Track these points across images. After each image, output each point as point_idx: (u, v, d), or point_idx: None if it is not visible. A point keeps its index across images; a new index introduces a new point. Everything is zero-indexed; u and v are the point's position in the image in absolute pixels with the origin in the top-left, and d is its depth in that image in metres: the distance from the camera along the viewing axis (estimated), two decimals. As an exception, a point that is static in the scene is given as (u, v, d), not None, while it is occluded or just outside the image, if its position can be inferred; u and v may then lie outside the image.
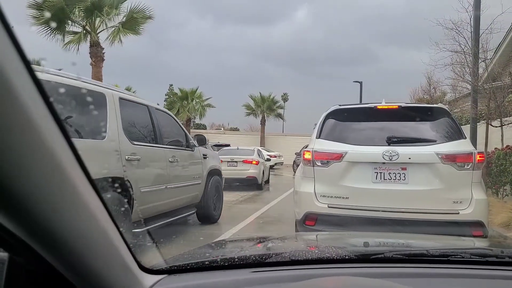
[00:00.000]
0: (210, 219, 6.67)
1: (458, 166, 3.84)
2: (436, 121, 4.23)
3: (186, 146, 5.97)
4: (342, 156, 4.02)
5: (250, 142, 28.71)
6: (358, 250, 1.28)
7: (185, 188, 5.73)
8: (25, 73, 0.49)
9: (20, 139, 0.49)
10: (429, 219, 3.75)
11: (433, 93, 18.05)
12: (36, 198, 0.55)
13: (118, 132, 4.25)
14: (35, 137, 0.51)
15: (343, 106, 4.51)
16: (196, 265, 1.10)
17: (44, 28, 13.89)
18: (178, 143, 5.77)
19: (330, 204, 4.03)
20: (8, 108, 0.46)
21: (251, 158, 13.22)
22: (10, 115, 0.47)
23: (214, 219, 6.80)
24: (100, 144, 3.96)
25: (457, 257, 1.13)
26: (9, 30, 0.46)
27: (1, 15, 0.45)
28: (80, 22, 14.49)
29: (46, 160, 0.54)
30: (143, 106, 5.07)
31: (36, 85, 0.51)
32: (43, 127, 0.52)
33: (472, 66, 10.09)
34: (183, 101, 32.18)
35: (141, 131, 4.88)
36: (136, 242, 1.15)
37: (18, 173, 0.51)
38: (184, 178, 5.71)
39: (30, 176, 0.52)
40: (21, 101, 0.48)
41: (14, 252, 0.66)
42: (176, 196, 5.49)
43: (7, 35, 0.46)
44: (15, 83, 0.46)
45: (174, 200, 5.43)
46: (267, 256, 1.16)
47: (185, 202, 5.84)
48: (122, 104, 4.43)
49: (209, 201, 6.54)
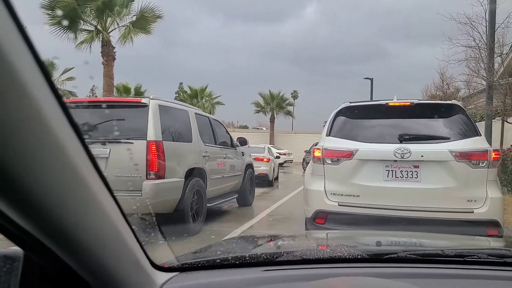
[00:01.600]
0: (246, 202, 8.48)
1: (472, 164, 3.77)
2: (449, 118, 4.16)
3: (231, 146, 7.79)
4: (353, 154, 3.99)
5: (260, 140, 28.67)
6: (371, 249, 1.26)
7: (232, 177, 7.57)
8: (39, 74, 0.49)
9: (35, 140, 0.50)
10: (443, 218, 3.69)
11: (446, 90, 17.77)
12: (50, 197, 0.55)
13: (198, 137, 6.10)
14: (49, 138, 0.51)
15: (353, 103, 4.46)
16: (208, 263, 1.11)
17: (57, 28, 14.05)
18: (226, 144, 7.60)
19: (340, 202, 4.00)
20: (23, 109, 0.47)
21: (262, 155, 13.24)
22: (24, 116, 0.47)
23: (249, 202, 8.60)
24: (190, 145, 5.81)
25: (474, 257, 1.11)
26: (23, 31, 0.46)
27: (14, 16, 0.45)
28: (92, 21, 14.62)
29: (61, 160, 0.55)
30: (206, 117, 7.08)
31: (50, 86, 0.52)
32: (57, 127, 0.52)
33: (487, 61, 9.86)
34: (192, 99, 32.33)
35: (207, 136, 6.65)
36: (148, 239, 1.16)
37: (33, 173, 0.51)
38: (232, 170, 7.55)
39: (44, 176, 0.53)
40: (35, 102, 0.48)
41: (29, 250, 0.67)
42: (228, 183, 7.37)
43: (20, 36, 0.46)
44: (29, 84, 0.46)
45: (226, 186, 7.28)
46: (278, 254, 1.15)
47: (231, 188, 7.66)
48: (197, 117, 6.36)
49: (246, 188, 8.40)
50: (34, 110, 0.48)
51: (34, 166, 0.51)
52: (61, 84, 23.49)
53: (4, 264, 0.67)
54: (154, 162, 4.84)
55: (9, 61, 0.43)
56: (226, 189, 7.31)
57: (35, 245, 0.63)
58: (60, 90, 0.55)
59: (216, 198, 6.76)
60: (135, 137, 4.89)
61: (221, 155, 7.02)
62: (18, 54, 0.45)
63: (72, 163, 0.56)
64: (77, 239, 0.64)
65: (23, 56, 0.46)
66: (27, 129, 0.48)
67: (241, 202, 8.41)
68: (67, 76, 24.01)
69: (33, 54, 0.48)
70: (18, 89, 0.45)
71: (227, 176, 7.26)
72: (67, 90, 24.15)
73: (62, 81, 23.78)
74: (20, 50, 0.46)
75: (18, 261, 0.68)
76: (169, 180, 5.05)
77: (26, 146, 0.48)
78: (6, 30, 0.44)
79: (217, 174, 6.63)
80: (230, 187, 7.54)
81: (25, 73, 0.46)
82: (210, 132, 6.86)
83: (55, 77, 21.05)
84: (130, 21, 14.97)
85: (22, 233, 0.60)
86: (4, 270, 0.67)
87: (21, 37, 0.46)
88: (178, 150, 5.47)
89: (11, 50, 0.44)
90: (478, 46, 10.57)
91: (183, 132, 5.79)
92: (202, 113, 6.99)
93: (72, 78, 24.07)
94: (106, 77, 14.92)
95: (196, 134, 6.06)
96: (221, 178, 6.86)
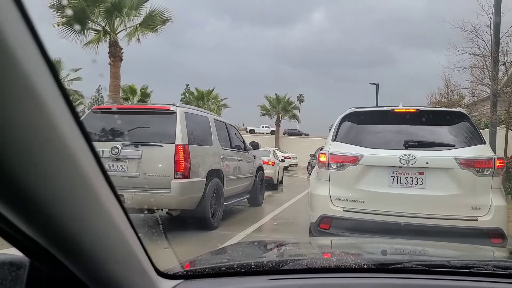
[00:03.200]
0: (257, 203, 8.95)
1: (477, 172, 3.75)
2: (454, 126, 4.15)
3: (244, 149, 8.29)
4: (358, 160, 3.98)
5: (265, 143, 28.70)
6: (377, 258, 1.25)
7: (245, 179, 8.11)
8: (48, 75, 0.49)
9: (43, 145, 0.49)
10: (447, 225, 3.68)
11: (451, 97, 17.69)
12: (58, 205, 0.55)
13: (217, 141, 6.65)
14: (57, 142, 0.50)
15: (359, 109, 4.46)
16: (213, 271, 1.10)
17: (66, 28, 14.15)
18: (240, 147, 8.06)
19: (345, 208, 3.99)
20: (31, 111, 0.46)
21: (267, 159, 13.22)
22: (33, 119, 0.46)
23: (259, 202, 9.06)
24: (210, 149, 6.37)
25: (480, 269, 1.10)
26: (34, 31, 0.46)
27: (26, 16, 0.45)
28: (100, 22, 14.72)
29: (69, 167, 0.54)
30: (223, 122, 7.62)
31: (60, 88, 0.51)
32: (66, 132, 0.51)
33: (491, 69, 9.87)
34: (199, 101, 32.43)
35: (224, 140, 7.16)
36: (152, 244, 1.16)
37: (41, 181, 0.51)
38: (245, 171, 8.07)
39: (51, 181, 0.52)
40: (46, 108, 0.47)
41: (34, 257, 0.67)
42: (241, 183, 7.91)
43: (30, 35, 0.46)
44: (38, 86, 0.46)
45: (240, 186, 7.81)
46: (284, 263, 1.15)
47: (244, 188, 8.18)
48: (216, 123, 6.94)
49: (257, 189, 8.88)
50: (43, 111, 0.47)
51: (41, 173, 0.50)
52: (68, 84, 23.64)
53: (10, 271, 0.67)
54: (181, 164, 5.38)
55: (18, 60, 0.43)
56: (239, 189, 7.85)
57: (40, 252, 0.63)
58: (66, 89, 0.54)
59: (231, 198, 7.32)
60: (164, 141, 5.44)
61: (236, 158, 7.59)
62: (27, 53, 0.45)
63: (79, 168, 0.55)
64: (83, 247, 0.63)
65: (32, 55, 0.46)
66: (36, 134, 0.47)
67: (252, 202, 8.85)
68: (74, 76, 24.17)
69: (42, 53, 0.47)
70: (27, 89, 0.45)
71: (241, 177, 7.82)
72: (73, 90, 24.33)
73: (69, 80, 23.93)
74: (29, 49, 0.45)
75: (23, 268, 0.68)
76: (193, 180, 5.60)
77: (32, 151, 0.48)
78: (16, 29, 0.43)
79: (232, 175, 7.22)
80: (243, 187, 8.09)
81: (34, 73, 0.45)
82: (226, 136, 7.43)
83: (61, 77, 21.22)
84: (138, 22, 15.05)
85: (27, 240, 0.60)
86: (10, 277, 0.67)
87: (30, 36, 0.46)
88: (201, 152, 6.01)
89: (21, 49, 0.43)
90: (483, 54, 10.55)
91: (205, 137, 6.37)
92: (220, 119, 7.74)
93: (79, 78, 24.25)
94: (113, 77, 15.00)
95: (215, 138, 6.65)
96: (236, 179, 7.43)
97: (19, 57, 0.43)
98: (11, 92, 0.43)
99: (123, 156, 5.36)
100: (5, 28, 0.41)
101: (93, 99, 58.82)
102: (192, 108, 6.65)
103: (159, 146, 5.41)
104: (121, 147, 5.34)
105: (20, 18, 0.44)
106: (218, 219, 6.37)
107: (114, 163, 5.37)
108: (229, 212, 7.96)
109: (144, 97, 28.75)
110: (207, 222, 5.96)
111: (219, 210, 6.39)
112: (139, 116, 5.87)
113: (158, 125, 5.77)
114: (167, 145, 5.39)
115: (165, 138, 5.45)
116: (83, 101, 26.16)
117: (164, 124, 5.66)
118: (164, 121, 5.69)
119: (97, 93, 60.34)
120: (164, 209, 5.69)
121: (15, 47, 0.42)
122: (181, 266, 1.13)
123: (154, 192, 5.24)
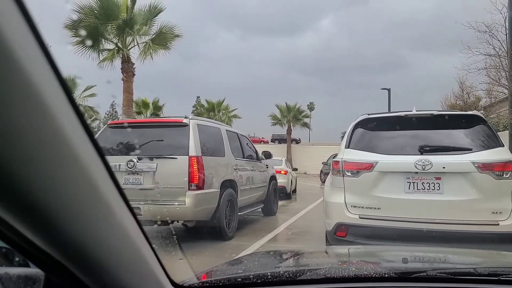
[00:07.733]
0: (271, 212, 8.87)
1: (496, 175, 3.66)
2: (471, 129, 4.07)
3: (256, 159, 8.30)
4: (373, 166, 3.92)
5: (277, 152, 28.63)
6: (398, 267, 1.21)
7: (258, 188, 8.08)
8: (60, 91, 0.49)
9: (54, 156, 0.49)
10: (467, 230, 3.58)
11: (467, 99, 17.42)
12: (71, 219, 0.55)
13: (229, 151, 6.69)
14: (68, 155, 0.51)
15: (372, 115, 4.42)
16: (229, 282, 1.08)
17: (80, 47, 14.44)
18: (253, 157, 8.12)
19: (361, 215, 3.93)
20: (44, 126, 0.46)
21: (280, 168, 13.15)
22: (45, 133, 0.47)
23: (274, 212, 8.99)
24: (223, 159, 6.41)
25: (509, 276, 1.05)
26: (46, 50, 0.46)
27: (38, 35, 0.45)
28: (112, 40, 15.01)
29: (81, 178, 0.54)
30: (235, 133, 7.63)
31: (71, 102, 0.51)
32: (78, 144, 0.51)
33: (508, 69, 9.67)
34: (209, 113, 32.63)
35: (237, 150, 7.17)
36: (167, 255, 1.15)
37: (53, 193, 0.51)
38: (258, 181, 8.06)
39: (65, 198, 0.52)
40: (58, 122, 0.48)
41: (49, 271, 0.67)
42: (255, 193, 7.87)
43: (43, 55, 0.46)
44: (51, 103, 0.46)
45: (254, 196, 7.78)
46: (301, 273, 1.12)
47: (258, 198, 8.12)
48: (228, 133, 6.98)
49: (271, 198, 8.83)
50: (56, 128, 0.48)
51: (53, 185, 0.50)
52: (83, 101, 24.06)
53: (25, 285, 0.67)
54: (195, 175, 5.42)
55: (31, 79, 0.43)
56: (253, 199, 7.85)
57: (55, 266, 0.63)
58: (81, 105, 0.54)
59: (245, 208, 7.34)
60: (178, 153, 5.52)
61: (249, 168, 7.62)
62: (42, 73, 0.45)
63: (92, 182, 0.55)
64: (98, 260, 0.63)
65: (47, 75, 0.47)
66: (48, 146, 0.48)
67: (266, 212, 8.80)
68: (89, 93, 24.61)
69: (55, 71, 0.48)
70: (38, 105, 0.45)
71: (254, 187, 7.81)
72: (88, 106, 24.75)
73: (84, 97, 24.37)
74: (43, 70, 0.46)
75: (38, 282, 0.68)
76: (207, 191, 5.64)
77: (44, 163, 0.48)
78: (28, 49, 0.44)
79: (246, 185, 7.24)
80: (257, 197, 8.09)
81: (47, 91, 0.46)
82: (239, 147, 7.46)
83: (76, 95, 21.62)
84: (149, 38, 15.31)
85: (42, 254, 0.60)
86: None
87: (43, 55, 0.46)
88: (214, 164, 6.04)
89: (33, 68, 0.44)
90: (498, 54, 10.37)
91: (217, 147, 6.40)
92: (231, 129, 7.75)
93: (94, 94, 24.66)
94: (126, 92, 15.21)
95: (228, 149, 6.70)
96: (249, 189, 7.44)
97: (33, 77, 0.44)
98: (24, 109, 0.44)
99: (139, 169, 5.43)
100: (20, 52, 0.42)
101: (108, 114, 59.80)
102: (204, 120, 6.75)
103: (173, 158, 5.49)
104: (137, 160, 5.41)
105: (32, 36, 0.45)
106: (233, 230, 6.38)
107: (130, 176, 5.42)
108: (243, 222, 7.92)
109: (156, 110, 29.06)
110: (222, 233, 5.98)
111: (233, 220, 6.40)
112: (153, 130, 5.99)
113: (171, 138, 5.86)
114: (181, 157, 5.46)
115: (179, 150, 5.54)
116: (98, 116, 26.57)
117: (178, 136, 5.74)
118: (177, 133, 5.78)
119: (111, 108, 61.31)
120: (180, 221, 5.74)
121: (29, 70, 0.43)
122: (197, 278, 1.12)
123: (169, 204, 5.30)
